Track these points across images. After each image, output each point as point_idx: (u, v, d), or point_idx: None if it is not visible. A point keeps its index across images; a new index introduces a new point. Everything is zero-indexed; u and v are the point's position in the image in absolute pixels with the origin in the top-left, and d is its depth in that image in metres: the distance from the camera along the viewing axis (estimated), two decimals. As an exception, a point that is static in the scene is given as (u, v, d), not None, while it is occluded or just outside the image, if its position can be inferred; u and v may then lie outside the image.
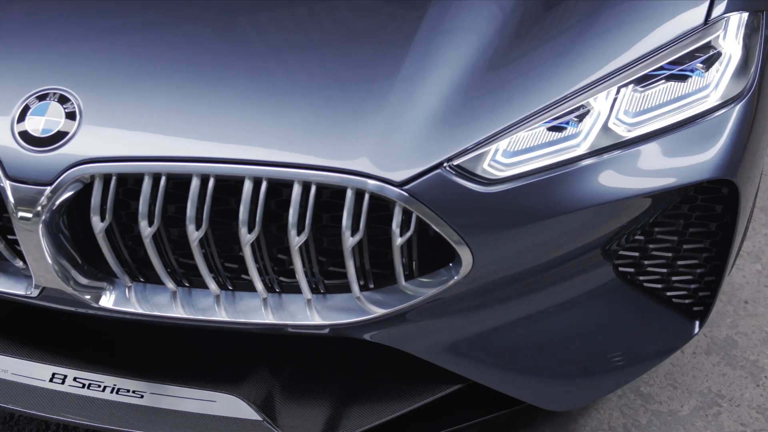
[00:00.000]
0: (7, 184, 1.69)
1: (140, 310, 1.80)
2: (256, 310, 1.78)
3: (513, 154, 1.66)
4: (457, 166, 1.64)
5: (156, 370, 1.95)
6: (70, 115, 1.70)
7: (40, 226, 1.69)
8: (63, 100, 1.71)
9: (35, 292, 1.82)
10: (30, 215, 1.69)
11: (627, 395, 2.31)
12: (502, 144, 1.66)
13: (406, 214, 1.64)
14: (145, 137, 1.68)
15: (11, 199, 1.68)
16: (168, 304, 1.80)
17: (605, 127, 1.70)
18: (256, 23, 1.86)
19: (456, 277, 1.68)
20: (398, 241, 1.63)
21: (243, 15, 1.88)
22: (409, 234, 1.64)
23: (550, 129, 1.69)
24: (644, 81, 1.73)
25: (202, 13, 1.87)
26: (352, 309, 1.75)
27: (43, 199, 1.68)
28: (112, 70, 1.77)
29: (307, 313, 1.76)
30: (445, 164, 1.63)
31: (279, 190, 1.68)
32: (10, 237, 1.80)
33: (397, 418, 1.89)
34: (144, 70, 1.77)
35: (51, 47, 1.81)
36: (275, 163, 1.63)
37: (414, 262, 1.72)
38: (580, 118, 1.70)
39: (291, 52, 1.79)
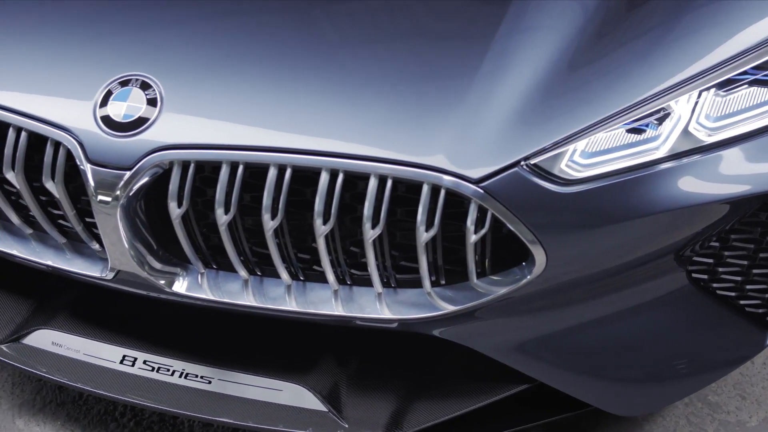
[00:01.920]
0: (88, 168, 1.71)
1: (212, 297, 1.82)
2: (326, 302, 1.78)
3: (591, 155, 1.65)
4: (534, 165, 1.63)
5: (224, 356, 1.98)
6: (152, 102, 1.72)
7: (118, 210, 1.72)
8: (145, 86, 1.74)
9: (110, 275, 1.85)
10: (109, 199, 1.71)
11: (694, 403, 2.28)
12: (580, 144, 1.65)
13: (481, 212, 1.63)
14: (224, 125, 1.70)
15: (91, 182, 1.71)
16: (239, 292, 1.81)
17: (685, 131, 1.67)
18: (336, 16, 1.87)
19: (529, 277, 1.67)
20: (472, 238, 1.63)
21: (323, 8, 1.89)
22: (483, 232, 1.63)
23: (630, 131, 1.67)
24: (727, 85, 1.70)
25: (284, 4, 1.88)
26: (423, 304, 1.75)
27: (122, 184, 1.70)
28: (194, 58, 1.78)
29: (376, 306, 1.77)
30: (522, 163, 1.62)
31: (354, 182, 1.69)
32: (88, 220, 1.84)
33: (462, 415, 1.89)
34: (224, 59, 1.78)
35: (134, 33, 1.84)
36: (352, 156, 1.64)
37: (486, 260, 1.72)
38: (660, 120, 1.68)
39: (371, 46, 1.80)
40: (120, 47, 1.82)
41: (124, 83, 1.74)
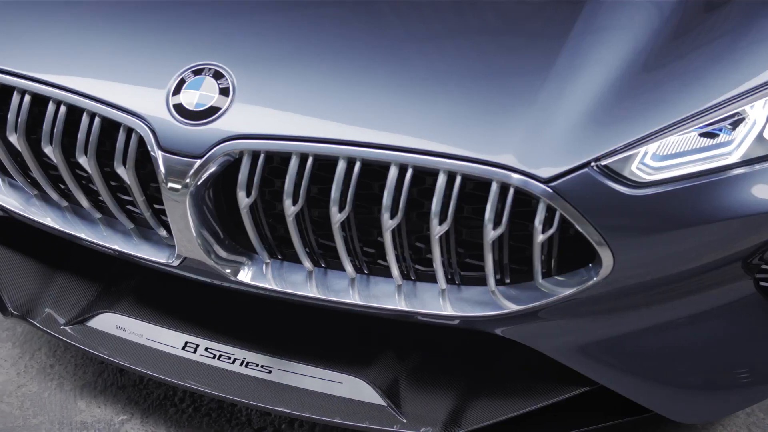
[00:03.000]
0: (159, 155, 1.73)
1: (276, 287, 1.83)
2: (390, 296, 1.79)
3: (662, 158, 1.63)
4: (605, 166, 1.61)
5: (285, 347, 1.99)
6: (224, 91, 1.73)
7: (188, 197, 1.73)
8: (218, 75, 1.75)
9: (176, 262, 1.87)
10: (179, 186, 1.73)
11: (756, 413, 2.24)
12: (652, 147, 1.63)
13: (549, 212, 1.62)
14: (294, 117, 1.71)
15: (162, 169, 1.73)
16: (303, 283, 1.82)
17: (760, 137, 1.65)
18: (409, 9, 1.86)
19: (595, 278, 1.66)
20: (540, 237, 1.62)
21: (394, 4, 1.89)
22: (551, 232, 1.62)
23: (702, 135, 1.65)
24: None
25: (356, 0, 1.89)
26: (486, 303, 1.74)
27: (192, 172, 1.72)
28: (266, 49, 1.80)
29: (439, 302, 1.76)
30: (592, 164, 1.61)
31: (422, 178, 1.68)
32: (156, 206, 1.86)
33: (520, 415, 1.88)
34: (295, 51, 1.79)
35: (208, 23, 1.86)
36: (422, 151, 1.64)
37: (552, 260, 1.71)
38: (734, 125, 1.65)
39: (442, 43, 1.80)
40: (194, 36, 1.84)
41: (197, 72, 1.76)
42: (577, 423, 1.96)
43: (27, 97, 1.85)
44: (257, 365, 1.97)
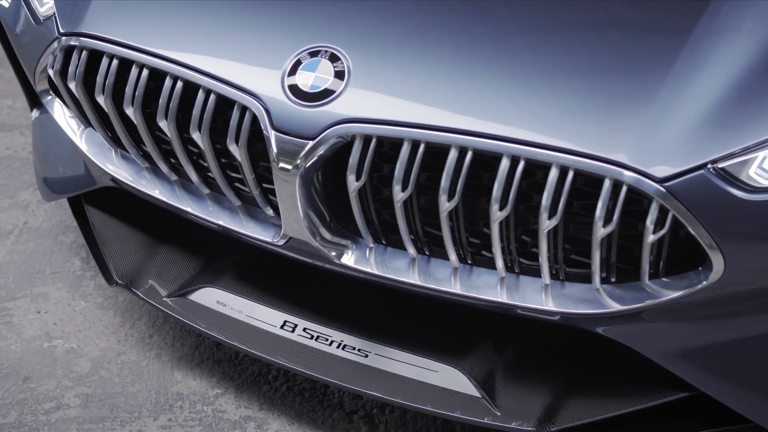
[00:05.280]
0: (272, 135, 1.75)
1: (378, 272, 1.84)
2: (491, 288, 1.78)
3: None
4: (722, 169, 1.58)
5: (383, 332, 2.00)
6: (339, 74, 1.75)
7: (297, 178, 1.75)
8: (334, 58, 1.76)
9: (281, 241, 1.89)
10: (289, 167, 1.75)
11: None
12: None
13: (662, 212, 1.59)
14: (408, 104, 1.71)
15: (274, 149, 1.75)
16: (405, 270, 1.83)
17: None
18: (523, 3, 1.85)
19: (704, 282, 1.63)
20: (650, 238, 1.60)
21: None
22: (662, 232, 1.60)
23: None
24: None
25: None
26: (589, 300, 1.72)
27: (303, 153, 1.74)
28: (383, 34, 1.80)
29: (542, 297, 1.75)
30: (709, 166, 1.58)
31: (533, 171, 1.67)
32: (264, 185, 1.88)
33: (615, 417, 1.86)
34: (413, 39, 1.79)
35: (326, 5, 1.87)
36: (535, 144, 1.63)
37: (661, 262, 1.68)
38: None
39: (560, 35, 1.78)
40: (311, 18, 1.85)
41: (313, 54, 1.77)
42: (674, 429, 1.93)
43: (145, 72, 1.89)
44: (354, 348, 1.99)
